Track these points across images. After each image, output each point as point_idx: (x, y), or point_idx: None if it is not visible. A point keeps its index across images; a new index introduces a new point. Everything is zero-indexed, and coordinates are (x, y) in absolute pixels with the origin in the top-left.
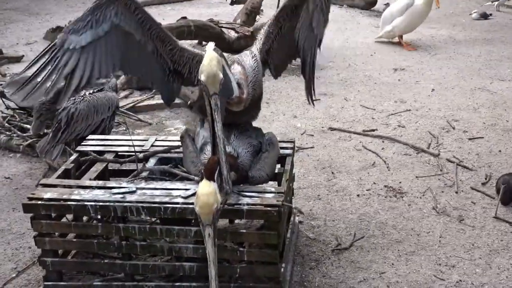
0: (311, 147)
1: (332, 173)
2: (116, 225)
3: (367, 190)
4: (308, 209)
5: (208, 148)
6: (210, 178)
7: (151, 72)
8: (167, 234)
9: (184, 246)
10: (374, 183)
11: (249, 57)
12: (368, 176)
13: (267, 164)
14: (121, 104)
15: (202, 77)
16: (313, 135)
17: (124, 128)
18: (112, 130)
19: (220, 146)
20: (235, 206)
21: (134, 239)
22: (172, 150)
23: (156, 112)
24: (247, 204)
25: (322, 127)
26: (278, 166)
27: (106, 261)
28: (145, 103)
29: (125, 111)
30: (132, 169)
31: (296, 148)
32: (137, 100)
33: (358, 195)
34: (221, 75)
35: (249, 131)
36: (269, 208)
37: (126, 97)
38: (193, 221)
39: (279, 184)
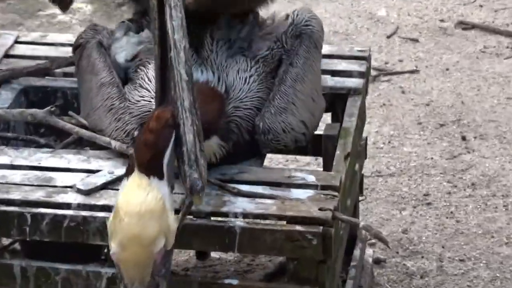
0: (412, 71)
1: (464, 138)
2: None
3: None
4: (400, 230)
5: (150, 74)
6: (151, 168)
7: None
8: (39, 281)
9: None
10: None
11: None
12: None
13: (298, 96)
14: None
15: None
16: (417, 41)
17: None
18: None
19: (180, 71)
20: (213, 220)
21: None
22: (58, 69)
23: None
24: (244, 216)
25: (442, 21)
26: (327, 117)
27: None
28: None
29: None
30: None
31: (374, 73)
32: None
33: None
34: None
35: (250, 23)
36: (299, 228)
37: None
38: (105, 251)
39: (328, 166)
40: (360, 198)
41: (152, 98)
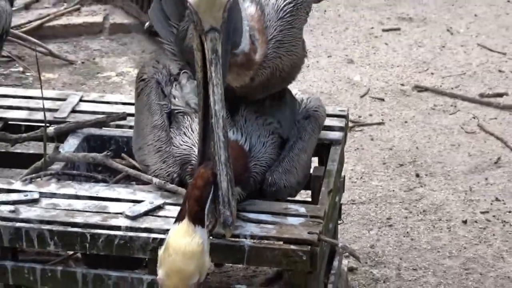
0: (379, 123)
1: (417, 175)
2: None
3: (482, 212)
4: (368, 245)
5: (194, 126)
6: (197, 218)
7: None
8: (96, 285)
9: None
10: (497, 199)
11: None
12: (486, 185)
13: (300, 162)
14: (18, 21)
15: None
16: (383, 100)
17: (21, 70)
18: None
19: (219, 133)
20: (227, 240)
21: None
22: (112, 122)
23: (84, 40)
24: (252, 237)
25: (402, 85)
26: (315, 162)
27: None
28: (63, 21)
29: (24, 35)
30: (35, 155)
31: (350, 125)
32: (49, 15)
33: (464, 222)
34: None
35: (271, 102)
36: (293, 247)
37: (27, 8)
38: (146, 262)
39: (315, 199)
40: (339, 222)
41: (193, 145)
